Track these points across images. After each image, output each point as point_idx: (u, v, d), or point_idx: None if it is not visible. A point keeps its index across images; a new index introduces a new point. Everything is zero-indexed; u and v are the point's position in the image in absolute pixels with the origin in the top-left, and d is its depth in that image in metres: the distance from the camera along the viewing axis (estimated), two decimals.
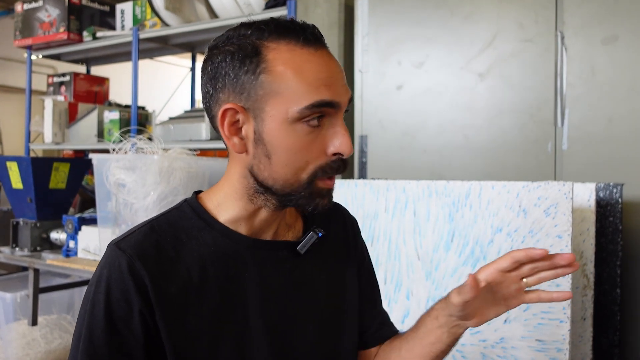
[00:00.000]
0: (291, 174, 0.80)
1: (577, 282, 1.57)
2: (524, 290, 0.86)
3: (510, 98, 1.90)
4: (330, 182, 0.83)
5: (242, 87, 0.79)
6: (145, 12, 3.05)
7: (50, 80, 3.70)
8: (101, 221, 2.30)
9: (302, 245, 0.90)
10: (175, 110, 3.36)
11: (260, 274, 0.86)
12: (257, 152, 0.81)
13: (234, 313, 0.84)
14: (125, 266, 0.78)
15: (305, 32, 0.80)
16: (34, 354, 2.70)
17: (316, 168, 0.81)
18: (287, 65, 0.78)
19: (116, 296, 0.78)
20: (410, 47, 2.09)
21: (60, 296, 2.95)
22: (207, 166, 2.13)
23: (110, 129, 3.14)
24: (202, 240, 0.85)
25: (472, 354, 1.52)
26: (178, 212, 0.88)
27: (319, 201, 0.83)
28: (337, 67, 0.82)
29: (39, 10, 3.32)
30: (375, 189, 1.73)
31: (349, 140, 0.81)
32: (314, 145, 0.80)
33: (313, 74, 0.78)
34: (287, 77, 0.78)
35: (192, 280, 0.82)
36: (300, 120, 0.78)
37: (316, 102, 0.78)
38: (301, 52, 0.79)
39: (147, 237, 0.82)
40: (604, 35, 1.75)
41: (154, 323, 0.78)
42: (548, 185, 1.45)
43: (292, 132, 0.79)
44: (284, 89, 0.78)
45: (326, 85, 0.79)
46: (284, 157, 0.80)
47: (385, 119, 2.14)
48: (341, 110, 0.82)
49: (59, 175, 2.84)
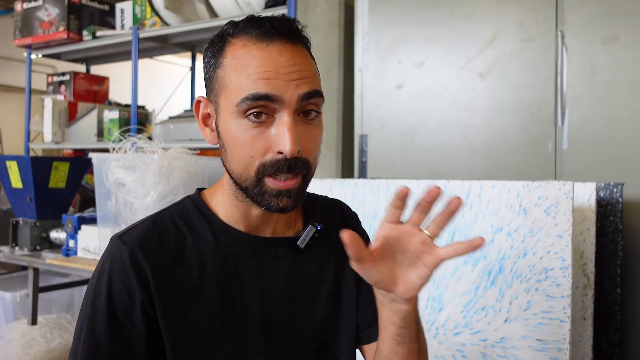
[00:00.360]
0: (242, 168, 0.81)
1: (577, 281, 1.57)
2: (432, 244, 0.79)
3: (510, 98, 1.90)
4: (280, 183, 0.80)
5: (208, 81, 0.84)
6: (145, 12, 3.05)
7: (50, 79, 3.70)
8: (101, 220, 2.30)
9: (302, 239, 0.90)
10: (175, 110, 3.36)
11: (259, 270, 0.87)
12: (221, 145, 0.84)
13: (232, 309, 0.84)
14: (127, 258, 0.79)
15: (263, 26, 0.80)
16: (34, 353, 2.70)
17: (259, 164, 0.79)
18: (236, 59, 0.80)
19: (118, 288, 0.78)
20: (411, 46, 2.09)
21: (60, 295, 2.95)
22: (206, 165, 2.13)
23: (110, 128, 3.14)
24: (202, 237, 0.86)
25: (473, 354, 1.51)
26: (180, 207, 0.89)
27: (272, 201, 0.80)
28: (288, 60, 0.79)
29: (39, 10, 3.32)
30: (376, 189, 1.73)
31: (292, 138, 0.77)
32: (259, 141, 0.79)
33: (253, 67, 0.78)
34: (233, 71, 0.80)
35: (192, 276, 0.83)
36: (243, 113, 0.79)
37: (250, 95, 0.77)
38: (251, 47, 0.80)
39: (149, 231, 0.84)
40: (605, 35, 1.75)
41: (154, 316, 0.79)
42: (548, 185, 1.44)
43: (238, 125, 0.80)
44: (229, 83, 0.80)
45: (266, 78, 0.77)
46: (234, 150, 0.81)
47: (386, 118, 2.14)
48: (288, 107, 0.78)
49: (58, 174, 2.84)
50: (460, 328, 1.54)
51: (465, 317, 1.54)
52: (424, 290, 1.61)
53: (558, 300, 1.41)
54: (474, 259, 1.54)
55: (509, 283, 1.48)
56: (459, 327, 1.55)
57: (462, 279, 1.55)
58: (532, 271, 1.45)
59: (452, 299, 1.57)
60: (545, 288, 1.43)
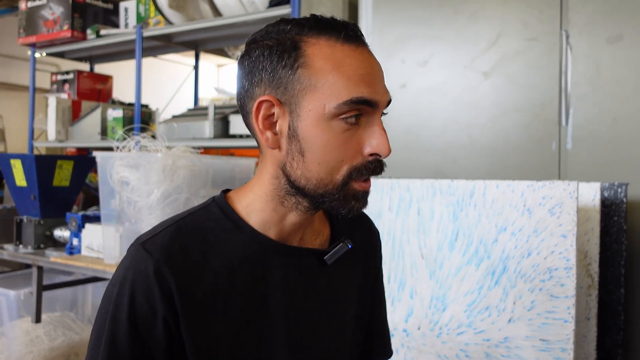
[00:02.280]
0: (325, 174, 0.78)
1: (581, 282, 1.56)
2: None
3: (514, 97, 1.90)
4: (366, 184, 0.80)
5: (279, 80, 0.78)
6: (149, 10, 3.06)
7: (54, 78, 3.71)
8: (105, 219, 2.30)
9: (330, 256, 0.88)
10: (178, 109, 3.37)
11: (285, 280, 0.84)
12: (291, 149, 0.79)
13: (256, 318, 0.82)
14: (152, 271, 0.76)
15: (347, 29, 0.79)
16: (38, 351, 2.71)
17: (351, 168, 0.78)
18: (327, 60, 0.77)
19: (140, 301, 0.76)
20: (414, 45, 2.09)
21: (64, 294, 2.96)
22: (210, 164, 2.13)
23: (114, 126, 3.15)
24: (230, 244, 0.82)
25: (476, 354, 1.51)
26: (206, 212, 0.85)
27: (354, 204, 0.80)
28: (378, 66, 0.80)
29: (43, 8, 3.33)
30: (379, 188, 1.73)
31: (387, 140, 0.78)
32: (350, 144, 0.77)
33: (353, 69, 0.77)
34: (326, 72, 0.76)
35: (219, 285, 0.80)
36: (338, 116, 0.76)
37: (355, 99, 0.75)
38: (342, 48, 0.77)
39: (173, 240, 0.80)
40: (609, 34, 1.74)
41: (177, 330, 0.77)
42: (553, 185, 1.44)
43: (328, 128, 0.76)
44: (322, 84, 0.76)
45: (366, 82, 0.77)
46: (319, 154, 0.77)
47: (389, 117, 2.12)
48: (379, 110, 0.79)
49: (62, 172, 2.84)
50: (464, 328, 1.54)
51: (469, 316, 1.54)
52: (427, 290, 1.61)
53: (562, 300, 1.41)
54: (478, 259, 1.54)
55: (512, 283, 1.48)
56: (462, 326, 1.55)
57: (466, 278, 1.55)
58: (536, 271, 1.45)
59: (455, 299, 1.56)
60: (549, 288, 1.43)
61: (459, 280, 1.56)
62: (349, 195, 0.79)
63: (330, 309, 0.90)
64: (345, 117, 0.76)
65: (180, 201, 2.00)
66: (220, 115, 2.67)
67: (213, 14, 2.79)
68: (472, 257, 1.55)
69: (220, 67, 8.01)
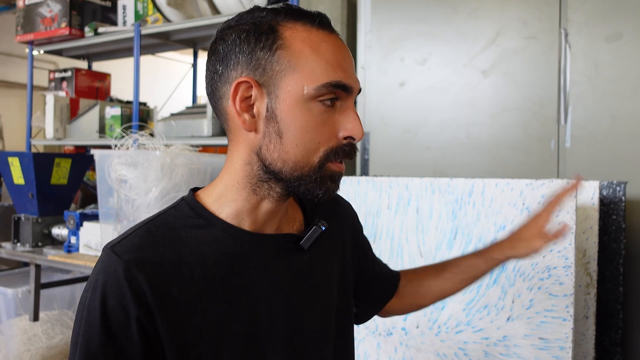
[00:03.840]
0: (302, 155, 0.79)
1: (580, 280, 1.56)
2: None
3: (513, 95, 1.90)
4: (341, 165, 0.83)
5: (257, 62, 0.78)
6: (147, 8, 3.05)
7: (52, 75, 3.70)
8: (103, 217, 2.30)
9: (306, 240, 0.89)
10: (176, 107, 3.36)
11: (265, 269, 0.85)
12: (268, 131, 0.79)
13: (239, 310, 0.82)
14: (121, 272, 0.75)
15: (320, 16, 0.81)
16: (35, 350, 2.70)
17: (327, 150, 0.80)
18: (305, 43, 0.78)
19: (112, 303, 0.75)
20: (413, 44, 2.09)
21: (62, 292, 2.95)
22: (209, 162, 2.13)
23: (112, 124, 3.14)
24: (202, 239, 0.82)
25: (475, 352, 1.51)
26: (175, 211, 0.85)
27: (330, 185, 0.82)
28: (350, 54, 0.83)
29: (41, 6, 3.32)
30: (378, 186, 1.73)
31: (360, 124, 0.81)
32: (326, 127, 0.80)
33: (330, 53, 0.79)
34: (306, 54, 0.78)
35: (195, 281, 0.79)
36: (316, 98, 0.78)
37: (334, 82, 0.78)
38: (317, 33, 0.80)
39: (143, 240, 0.79)
40: (608, 33, 1.74)
41: (153, 329, 0.76)
42: (552, 183, 1.44)
43: (307, 110, 0.78)
44: (302, 66, 0.78)
45: (342, 67, 0.80)
46: (296, 136, 0.78)
47: (388, 116, 2.13)
48: (353, 96, 0.82)
49: (60, 170, 2.84)
50: (463, 326, 1.54)
51: (467, 315, 1.54)
52: None
53: (561, 298, 1.41)
54: None
55: (511, 281, 1.48)
56: (461, 325, 1.55)
57: None
58: (534, 269, 1.45)
59: (454, 297, 1.56)
60: (548, 286, 1.43)
61: None
62: (325, 177, 0.81)
63: (313, 292, 0.91)
64: (322, 99, 0.78)
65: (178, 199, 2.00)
66: None
67: (211, 12, 2.78)
68: None
69: None
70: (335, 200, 1.05)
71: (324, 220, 0.91)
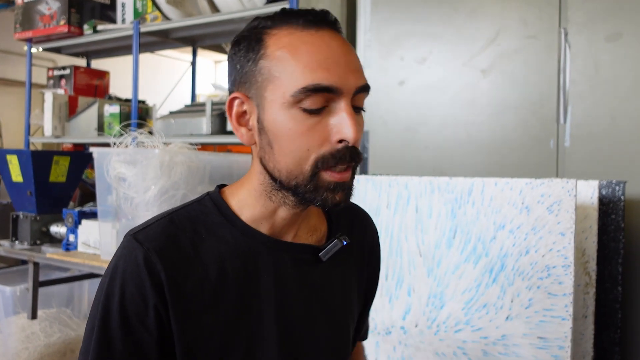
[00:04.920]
0: (293, 164, 0.77)
1: (579, 279, 1.56)
2: None
3: (513, 95, 1.90)
4: (338, 175, 0.77)
5: (246, 76, 0.79)
6: (146, 6, 3.04)
7: (51, 73, 3.69)
8: (101, 215, 2.29)
9: (325, 252, 0.87)
10: (175, 105, 3.36)
11: (277, 275, 0.84)
12: (262, 142, 0.79)
13: (248, 313, 0.81)
14: (141, 259, 0.76)
15: (308, 14, 0.77)
16: (33, 348, 2.70)
17: (318, 157, 0.76)
18: (284, 48, 0.76)
19: (131, 290, 0.76)
20: (413, 43, 2.09)
21: (60, 290, 2.95)
22: (208, 161, 2.12)
23: (111, 122, 3.13)
24: (222, 238, 0.82)
25: (474, 351, 1.51)
26: (199, 206, 0.85)
27: (328, 196, 0.77)
28: (342, 49, 0.77)
29: (40, 3, 3.31)
30: (377, 185, 1.73)
31: (354, 125, 0.75)
32: (316, 132, 0.75)
33: (309, 55, 0.75)
34: (284, 60, 0.75)
35: (209, 278, 0.79)
36: (297, 104, 0.75)
37: (311, 86, 0.73)
38: (300, 35, 0.76)
39: (165, 231, 0.80)
40: (608, 32, 1.74)
41: (168, 319, 0.77)
42: (551, 183, 1.44)
43: (290, 117, 0.75)
44: (280, 73, 0.75)
45: (324, 68, 0.74)
46: (284, 145, 0.76)
47: (388, 114, 2.13)
48: (346, 96, 0.76)
49: (59, 168, 2.83)
50: (462, 325, 1.54)
51: (466, 314, 1.54)
52: (425, 287, 1.61)
53: (560, 298, 1.41)
54: (476, 256, 1.54)
55: (510, 280, 1.48)
56: (460, 324, 1.55)
57: (463, 276, 1.55)
58: (534, 269, 1.45)
59: (453, 296, 1.56)
60: (547, 286, 1.43)
61: (457, 278, 1.56)
62: (320, 187, 0.77)
63: (325, 305, 0.89)
64: (305, 104, 0.75)
65: (177, 198, 2.00)
66: (217, 112, 2.66)
67: (211, 10, 2.78)
68: (470, 254, 1.55)
69: (217, 64, 7.99)
70: (365, 220, 1.03)
71: (346, 236, 0.89)
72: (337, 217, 0.95)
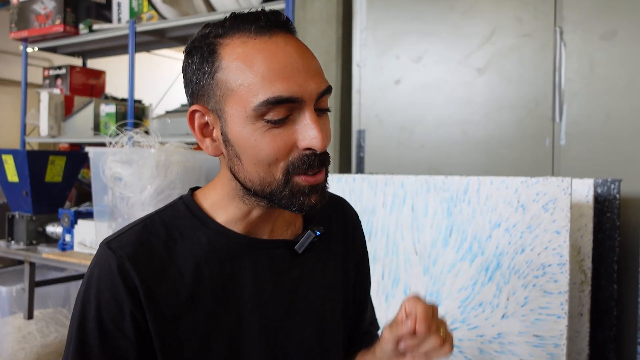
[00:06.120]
0: (265, 172, 0.76)
1: (574, 277, 1.57)
2: None
3: (508, 93, 1.90)
4: (311, 179, 0.77)
5: (203, 90, 0.77)
6: (142, 5, 3.03)
7: (46, 73, 3.68)
8: (97, 215, 2.29)
9: (300, 244, 0.87)
10: (171, 104, 3.35)
11: (256, 273, 0.84)
12: (230, 154, 0.78)
13: (228, 314, 0.82)
14: (115, 267, 0.76)
15: (259, 19, 0.75)
16: (30, 348, 2.69)
17: (288, 164, 0.75)
18: (239, 60, 0.74)
19: (106, 297, 0.76)
20: (409, 41, 2.09)
21: (56, 290, 2.95)
22: (203, 160, 2.12)
23: (107, 122, 3.13)
24: (196, 240, 0.82)
25: (470, 349, 1.52)
26: (172, 210, 0.85)
27: (303, 199, 0.77)
28: (298, 53, 0.75)
29: (35, 3, 3.30)
30: (373, 184, 1.73)
31: (320, 132, 0.74)
32: (282, 141, 0.74)
33: (265, 66, 0.73)
34: (241, 73, 0.73)
35: (185, 282, 0.79)
36: (260, 117, 0.74)
37: (272, 99, 0.72)
38: (254, 43, 0.74)
39: (138, 237, 0.80)
40: (603, 31, 1.74)
41: (145, 324, 0.77)
42: (547, 181, 1.44)
43: (254, 130, 0.74)
44: (238, 86, 0.74)
45: (282, 78, 0.73)
46: (252, 155, 0.75)
47: (383, 113, 2.13)
48: (308, 103, 0.75)
49: (55, 168, 2.83)
50: (458, 324, 1.54)
51: (462, 312, 1.54)
52: (421, 286, 1.61)
53: (555, 296, 1.41)
54: (472, 255, 1.54)
55: (506, 279, 1.48)
56: (456, 322, 1.55)
57: (459, 274, 1.56)
58: (529, 267, 1.45)
59: (449, 295, 1.57)
60: (542, 284, 1.43)
61: (453, 276, 1.56)
62: (295, 192, 0.77)
63: (307, 299, 0.89)
64: (268, 116, 0.74)
65: (173, 197, 1.98)
66: None
67: (207, 9, 2.77)
68: (466, 253, 1.55)
69: None
70: (341, 207, 1.02)
71: (321, 226, 0.88)
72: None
